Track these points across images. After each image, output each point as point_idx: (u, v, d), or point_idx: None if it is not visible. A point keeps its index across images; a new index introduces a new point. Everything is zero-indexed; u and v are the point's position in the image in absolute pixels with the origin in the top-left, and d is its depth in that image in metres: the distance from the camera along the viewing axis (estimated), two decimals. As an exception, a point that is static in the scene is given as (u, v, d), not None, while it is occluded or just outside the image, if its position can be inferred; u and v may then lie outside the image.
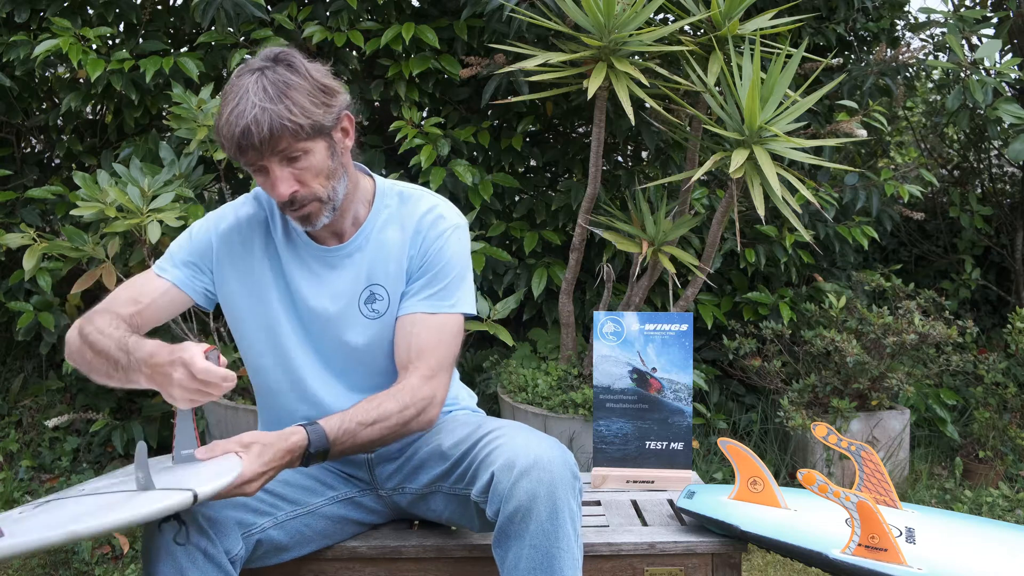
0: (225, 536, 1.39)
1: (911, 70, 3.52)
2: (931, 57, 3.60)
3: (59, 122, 3.38)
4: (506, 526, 1.37)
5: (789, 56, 2.53)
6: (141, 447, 1.27)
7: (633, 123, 2.56)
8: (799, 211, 2.61)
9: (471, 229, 2.53)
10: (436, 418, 1.54)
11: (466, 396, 1.78)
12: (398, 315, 1.56)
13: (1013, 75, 3.44)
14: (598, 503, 1.84)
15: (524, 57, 2.68)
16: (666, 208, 2.91)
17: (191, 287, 1.59)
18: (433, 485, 1.56)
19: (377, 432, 1.45)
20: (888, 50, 3.33)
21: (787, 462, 3.20)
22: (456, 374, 1.73)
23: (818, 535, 1.55)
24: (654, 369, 1.93)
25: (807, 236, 2.70)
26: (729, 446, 1.73)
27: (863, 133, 2.89)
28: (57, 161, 3.54)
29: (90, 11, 3.12)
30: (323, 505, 1.56)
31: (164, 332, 3.13)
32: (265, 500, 1.48)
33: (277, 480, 1.48)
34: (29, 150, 3.62)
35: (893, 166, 3.82)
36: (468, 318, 1.63)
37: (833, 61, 3.27)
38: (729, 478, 2.97)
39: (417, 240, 1.56)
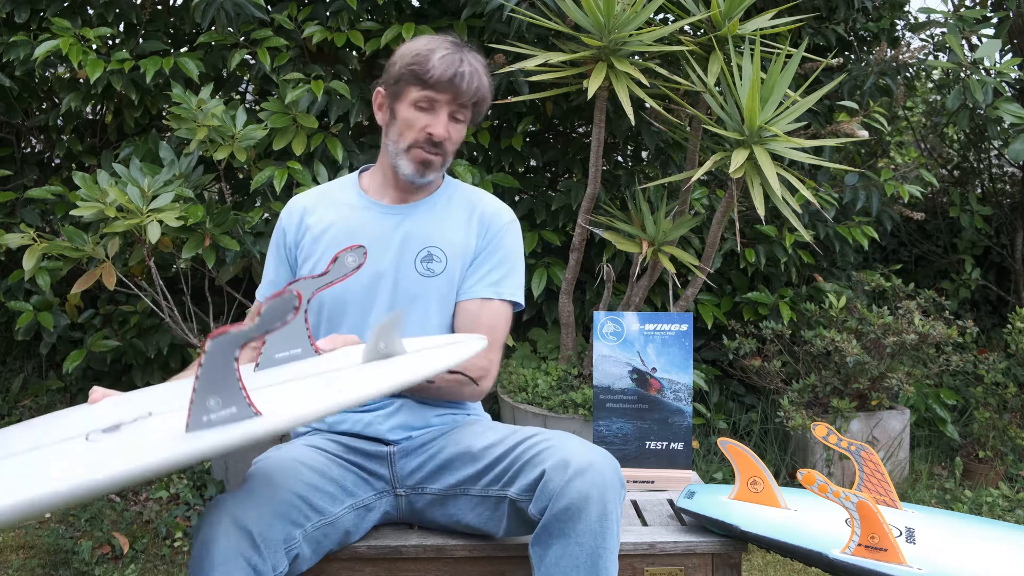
0: (274, 553, 1.40)
1: (911, 70, 3.52)
2: (931, 57, 3.60)
3: (59, 122, 3.38)
4: (551, 524, 1.40)
5: (789, 56, 2.53)
6: (395, 315, 1.32)
7: (633, 123, 2.56)
8: (799, 211, 2.61)
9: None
10: (487, 391, 1.70)
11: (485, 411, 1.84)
12: (460, 299, 1.70)
13: (1013, 75, 3.44)
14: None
15: (524, 57, 2.68)
16: (666, 208, 2.91)
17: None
18: (459, 487, 1.58)
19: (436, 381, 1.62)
20: (888, 50, 3.33)
21: (787, 462, 3.20)
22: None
23: (818, 535, 1.55)
24: (654, 369, 1.93)
25: (807, 236, 2.70)
26: (729, 446, 1.73)
27: (864, 133, 2.88)
28: (57, 161, 3.54)
29: (90, 11, 3.12)
30: (342, 514, 1.56)
31: (165, 332, 3.14)
32: (302, 509, 1.49)
33: (307, 485, 1.53)
34: (29, 150, 3.62)
35: (893, 166, 3.82)
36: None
37: (833, 61, 3.26)
38: (729, 478, 2.97)
39: (483, 228, 1.73)
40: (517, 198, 3.37)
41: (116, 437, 1.18)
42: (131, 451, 1.08)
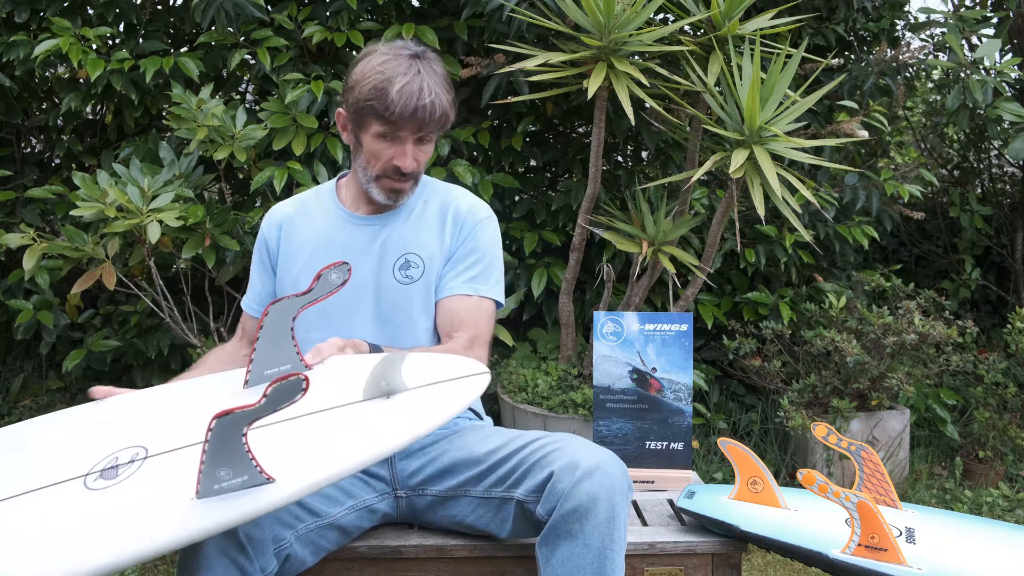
0: (261, 554, 1.39)
1: (911, 70, 3.52)
2: (931, 57, 3.60)
3: (59, 122, 3.38)
4: (559, 524, 1.40)
5: (789, 56, 2.53)
6: (398, 354, 1.30)
7: (633, 123, 2.56)
8: (799, 211, 2.61)
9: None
10: None
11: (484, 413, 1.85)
12: (438, 297, 1.71)
13: (1013, 75, 3.44)
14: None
15: (524, 57, 2.68)
16: (666, 208, 2.91)
17: (250, 306, 1.85)
18: (460, 488, 1.58)
19: None
20: (888, 50, 3.33)
21: (787, 462, 3.20)
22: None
23: (818, 535, 1.55)
24: (654, 369, 1.93)
25: (807, 236, 2.70)
26: (729, 446, 1.73)
27: (864, 133, 2.88)
28: (57, 161, 3.54)
29: (90, 11, 3.12)
30: (342, 516, 1.56)
31: (165, 332, 3.14)
32: (292, 511, 1.48)
33: None
34: (29, 150, 3.62)
35: (893, 166, 3.82)
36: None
37: (833, 61, 3.26)
38: (729, 478, 2.97)
39: (458, 226, 1.73)
40: (517, 198, 3.37)
41: (117, 490, 1.17)
42: (140, 526, 1.07)
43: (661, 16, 3.03)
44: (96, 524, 1.09)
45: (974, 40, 3.95)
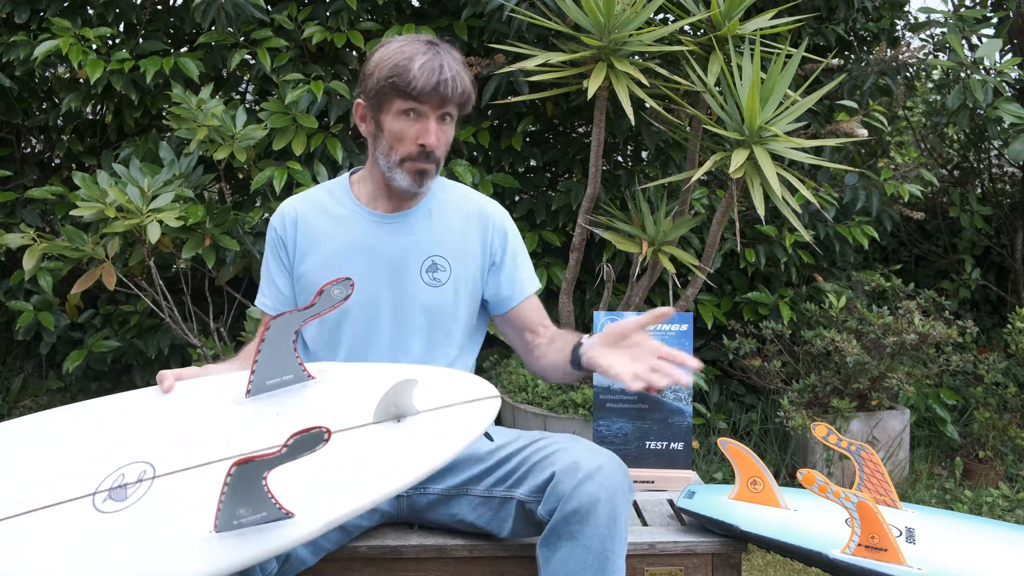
0: None
1: (911, 70, 3.52)
2: (931, 57, 3.60)
3: (59, 122, 3.38)
4: (560, 526, 1.41)
5: (789, 56, 2.53)
6: (409, 382, 1.30)
7: (633, 123, 2.55)
8: (799, 211, 2.61)
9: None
10: None
11: None
12: (517, 302, 1.77)
13: (1013, 75, 3.44)
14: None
15: (524, 57, 2.68)
16: (666, 208, 2.91)
17: (273, 307, 1.79)
18: (462, 487, 1.58)
19: None
20: (888, 50, 3.33)
21: (787, 462, 3.20)
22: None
23: (818, 535, 1.55)
24: (654, 369, 1.93)
25: (807, 236, 2.70)
26: (729, 446, 1.73)
27: (864, 133, 2.88)
28: (57, 161, 3.54)
29: (90, 11, 3.12)
30: None
31: (165, 332, 3.14)
32: None
33: None
34: (29, 150, 3.62)
35: (893, 166, 3.81)
36: None
37: (833, 61, 3.26)
38: (729, 478, 2.97)
39: (490, 229, 1.75)
40: (517, 198, 3.37)
41: (129, 514, 1.18)
42: (163, 560, 1.09)
43: (661, 16, 3.03)
44: (116, 555, 1.09)
45: (974, 40, 3.95)
